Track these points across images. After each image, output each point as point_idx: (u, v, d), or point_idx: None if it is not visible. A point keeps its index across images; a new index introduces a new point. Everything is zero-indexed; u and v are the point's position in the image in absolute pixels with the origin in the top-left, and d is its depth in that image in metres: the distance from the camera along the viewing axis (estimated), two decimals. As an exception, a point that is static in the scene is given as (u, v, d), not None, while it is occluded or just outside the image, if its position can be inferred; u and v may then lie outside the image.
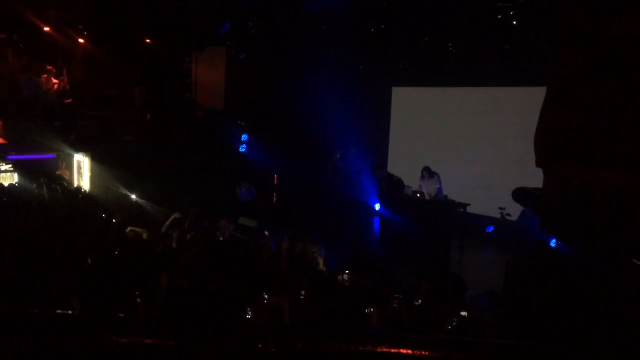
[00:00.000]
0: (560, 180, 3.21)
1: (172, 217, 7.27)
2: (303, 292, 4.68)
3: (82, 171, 11.47)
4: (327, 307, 4.55)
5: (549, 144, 3.18)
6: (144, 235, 6.38)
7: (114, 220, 6.61)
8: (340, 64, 12.07)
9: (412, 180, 10.27)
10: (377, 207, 10.57)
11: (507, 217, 9.25)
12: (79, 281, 4.46)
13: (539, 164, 3.56)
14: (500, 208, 9.24)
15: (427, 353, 1.13)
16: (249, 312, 4.01)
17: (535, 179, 5.86)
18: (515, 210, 9.22)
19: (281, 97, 12.39)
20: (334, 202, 11.92)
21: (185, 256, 5.52)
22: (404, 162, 12.25)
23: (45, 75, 11.32)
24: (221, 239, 7.42)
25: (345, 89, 11.91)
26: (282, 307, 3.96)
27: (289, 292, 4.68)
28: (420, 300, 4.87)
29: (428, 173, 9.90)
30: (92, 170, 11.29)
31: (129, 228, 6.50)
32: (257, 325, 3.51)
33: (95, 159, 11.26)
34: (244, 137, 12.27)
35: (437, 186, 9.83)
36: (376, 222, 10.55)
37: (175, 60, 12.58)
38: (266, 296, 4.16)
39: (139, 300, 3.91)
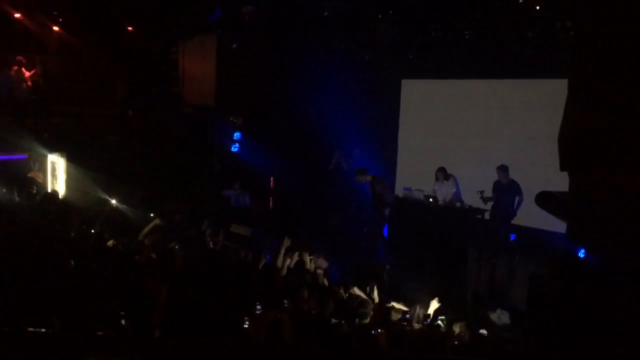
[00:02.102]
0: (588, 185, 3.20)
1: (153, 223, 7.28)
2: (304, 307, 4.72)
3: (56, 173, 11.47)
4: (329, 324, 4.58)
5: (573, 146, 3.17)
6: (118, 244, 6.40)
7: (92, 231, 6.63)
8: (344, 54, 12.09)
9: (424, 184, 10.28)
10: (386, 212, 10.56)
11: (486, 199, 9.45)
12: (58, 298, 4.47)
13: (563, 168, 3.53)
14: (480, 192, 9.39)
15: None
16: (246, 322, 4.07)
17: (563, 181, 5.85)
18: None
19: (278, 91, 12.40)
20: (337, 208, 11.92)
21: (173, 267, 5.53)
22: (415, 163, 12.25)
23: (16, 67, 11.33)
24: (211, 246, 7.44)
25: (349, 82, 11.92)
26: (282, 322, 4.03)
27: (286, 307, 4.72)
28: (432, 318, 4.88)
29: (443, 175, 9.90)
30: (68, 173, 11.28)
31: (111, 241, 6.52)
32: (253, 344, 3.55)
33: (71, 159, 11.26)
34: (237, 135, 12.29)
35: (454, 190, 9.82)
36: (385, 230, 10.55)
37: (160, 50, 12.60)
38: (259, 307, 4.25)
39: (124, 322, 3.94)
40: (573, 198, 3.43)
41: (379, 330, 4.21)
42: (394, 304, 5.31)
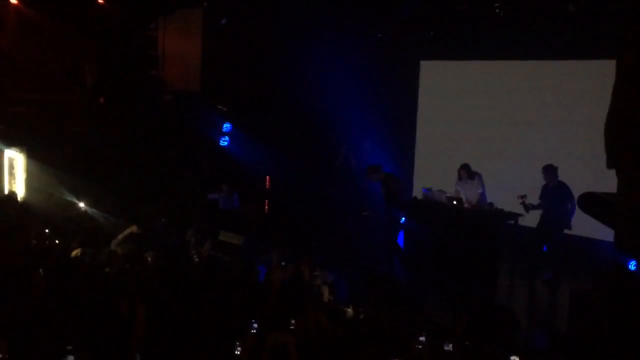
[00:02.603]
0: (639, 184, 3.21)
1: (128, 230, 7.33)
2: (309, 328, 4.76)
3: (14, 172, 11.51)
4: (338, 349, 4.60)
5: (623, 138, 3.18)
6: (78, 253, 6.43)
7: (57, 241, 6.67)
8: (353, 32, 12.08)
9: (446, 183, 10.28)
10: (402, 218, 10.58)
11: (529, 207, 9.35)
12: (9, 318, 4.49)
13: (610, 164, 3.52)
14: (521, 196, 9.30)
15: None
16: (238, 348, 4.17)
17: (610, 180, 5.83)
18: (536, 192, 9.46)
19: (275, 75, 12.39)
20: (344, 212, 11.91)
21: (149, 282, 5.56)
22: (435, 160, 12.24)
23: (-34, 47, 11.37)
24: (196, 259, 7.47)
25: (358, 64, 11.91)
26: (288, 347, 4.09)
27: (292, 329, 4.74)
28: (453, 344, 4.88)
29: (467, 173, 9.90)
30: (29, 171, 11.32)
31: (77, 250, 6.56)
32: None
33: (32, 156, 11.28)
34: (227, 127, 12.30)
35: (480, 190, 9.84)
36: (400, 238, 10.56)
37: (136, 26, 12.61)
38: (255, 325, 4.29)
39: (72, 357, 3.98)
40: (622, 200, 3.44)
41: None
42: None
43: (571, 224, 9.23)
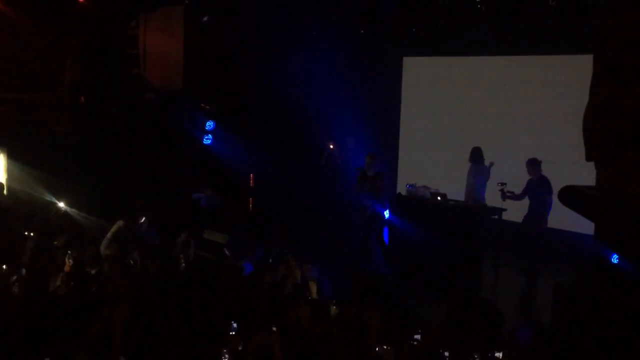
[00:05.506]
0: (618, 177, 3.24)
1: (115, 227, 7.29)
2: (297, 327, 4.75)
3: (-5, 173, 11.39)
4: (323, 348, 4.59)
5: (601, 130, 3.21)
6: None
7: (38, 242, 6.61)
8: (336, 28, 12.08)
9: (430, 179, 10.31)
10: (387, 214, 10.58)
11: (508, 195, 9.41)
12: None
13: (590, 156, 3.54)
14: (500, 184, 9.35)
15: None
16: (225, 356, 4.14)
17: (592, 174, 5.91)
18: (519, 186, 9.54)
19: (258, 72, 12.37)
20: (329, 209, 11.92)
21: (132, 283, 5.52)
22: (419, 155, 12.29)
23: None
24: (183, 263, 7.42)
25: (342, 61, 11.92)
26: (272, 347, 4.07)
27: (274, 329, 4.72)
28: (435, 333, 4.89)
29: (479, 156, 9.99)
30: (9, 171, 11.21)
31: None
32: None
33: (12, 155, 11.18)
34: (210, 125, 12.24)
35: (483, 182, 9.87)
36: (385, 234, 10.58)
37: (117, 24, 12.52)
38: (235, 325, 4.27)
39: None
40: (601, 192, 3.46)
41: (384, 347, 4.23)
42: None
43: (547, 219, 9.26)
